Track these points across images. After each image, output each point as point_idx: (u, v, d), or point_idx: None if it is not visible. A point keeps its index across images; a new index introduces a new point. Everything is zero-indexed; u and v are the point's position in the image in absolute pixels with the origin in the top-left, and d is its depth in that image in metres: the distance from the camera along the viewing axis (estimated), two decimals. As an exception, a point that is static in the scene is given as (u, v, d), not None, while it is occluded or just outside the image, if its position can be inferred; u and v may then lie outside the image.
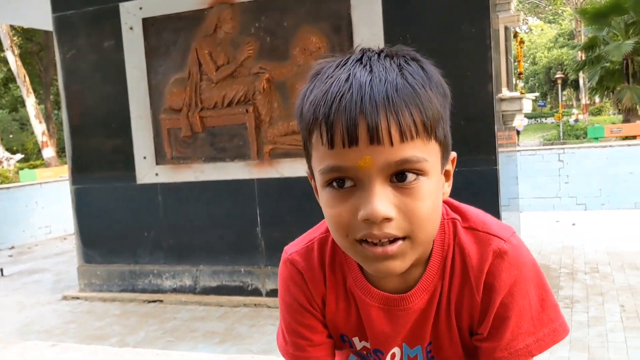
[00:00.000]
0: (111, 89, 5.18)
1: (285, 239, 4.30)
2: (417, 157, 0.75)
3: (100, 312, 4.96)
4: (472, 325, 0.91)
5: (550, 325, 0.88)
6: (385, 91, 0.74)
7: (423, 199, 0.77)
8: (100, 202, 5.35)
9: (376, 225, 0.75)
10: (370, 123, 0.73)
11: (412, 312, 0.90)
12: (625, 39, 19.64)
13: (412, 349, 0.94)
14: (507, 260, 0.86)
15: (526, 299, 0.86)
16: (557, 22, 45.25)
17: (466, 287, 0.88)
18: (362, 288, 0.91)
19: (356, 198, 0.77)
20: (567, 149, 9.22)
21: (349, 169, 0.75)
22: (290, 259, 0.98)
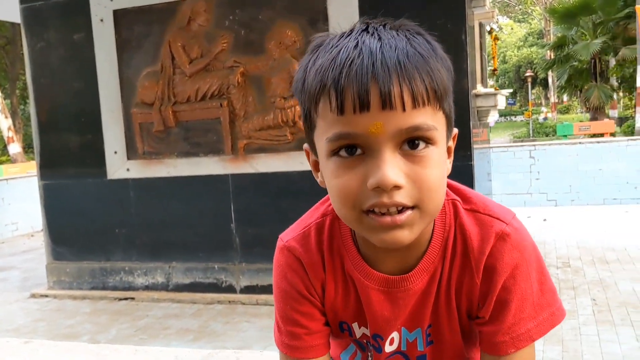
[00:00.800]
0: (81, 82, 5.06)
1: (260, 235, 4.29)
2: (427, 125, 0.74)
3: (70, 310, 4.85)
4: (471, 309, 0.90)
5: (549, 309, 0.87)
6: (396, 57, 0.73)
7: (432, 167, 0.76)
8: (69, 198, 5.23)
9: (386, 193, 0.73)
10: (383, 88, 0.71)
11: (413, 294, 0.89)
12: (593, 38, 19.99)
13: (412, 332, 0.93)
14: (509, 242, 0.85)
15: (528, 282, 0.85)
16: (527, 21, 45.90)
17: (466, 269, 0.87)
18: (361, 271, 0.89)
19: (365, 166, 0.74)
20: (538, 146, 9.34)
21: (359, 135, 0.73)
22: (287, 246, 0.94)
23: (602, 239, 6.31)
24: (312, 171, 0.88)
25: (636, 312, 3.97)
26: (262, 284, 4.66)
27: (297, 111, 4.44)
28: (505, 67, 42.33)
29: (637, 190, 8.71)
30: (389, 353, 0.95)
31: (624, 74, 22.28)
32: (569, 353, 3.33)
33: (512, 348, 0.86)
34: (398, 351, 0.95)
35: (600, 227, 7.05)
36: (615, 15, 19.67)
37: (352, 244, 0.90)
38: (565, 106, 39.81)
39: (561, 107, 38.62)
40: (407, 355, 0.95)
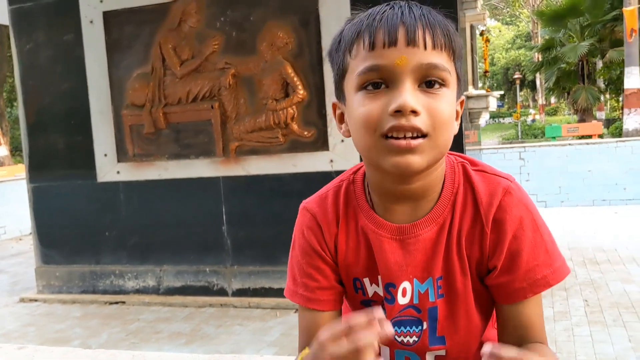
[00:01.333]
0: (70, 84, 5.01)
1: (251, 238, 4.26)
2: (443, 66, 0.86)
3: (60, 315, 4.80)
4: (482, 261, 0.96)
5: (561, 258, 0.95)
6: (421, 12, 0.87)
7: (445, 103, 0.87)
8: (59, 201, 5.18)
9: (404, 117, 0.84)
10: (409, 29, 0.85)
11: (422, 241, 0.95)
12: (580, 40, 20.13)
13: (423, 283, 0.97)
14: (515, 197, 0.94)
15: (537, 232, 0.93)
16: (515, 24, 46.14)
17: (477, 221, 0.95)
18: (375, 223, 0.98)
19: (388, 96, 0.86)
20: (528, 148, 9.38)
21: (386, 67, 0.85)
22: (305, 207, 1.06)
23: (592, 240, 6.34)
24: (336, 124, 0.98)
25: (627, 312, 3.99)
26: (254, 287, 4.63)
27: (289, 113, 4.42)
28: (494, 70, 42.52)
29: (626, 191, 8.77)
30: (403, 306, 0.99)
31: (611, 76, 22.46)
32: (562, 354, 3.33)
33: (530, 293, 0.92)
34: (410, 305, 0.99)
35: (590, 228, 7.09)
36: (602, 18, 19.83)
37: (365, 202, 1.00)
38: (553, 108, 40.06)
39: (549, 109, 38.86)
40: (419, 308, 0.99)
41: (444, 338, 1.00)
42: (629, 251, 5.71)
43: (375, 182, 0.98)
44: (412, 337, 1.00)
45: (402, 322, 1.00)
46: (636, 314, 3.93)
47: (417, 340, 1.00)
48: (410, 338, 1.01)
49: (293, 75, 4.38)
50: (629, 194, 8.79)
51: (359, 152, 0.95)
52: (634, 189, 8.78)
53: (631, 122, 15.47)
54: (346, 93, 0.93)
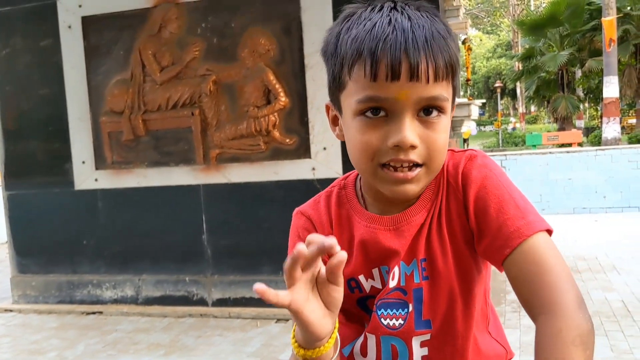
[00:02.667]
0: (48, 90, 4.92)
1: (232, 247, 4.19)
2: (443, 96, 0.87)
3: (36, 325, 4.69)
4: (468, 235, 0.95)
5: (537, 215, 0.91)
6: (424, 36, 0.85)
7: (441, 132, 0.88)
8: (36, 209, 5.08)
9: (403, 151, 0.86)
10: (412, 62, 0.83)
11: (415, 226, 0.97)
12: (560, 50, 20.39)
13: (409, 265, 0.98)
14: (477, 161, 0.96)
15: (501, 189, 0.92)
16: (496, 33, 46.65)
17: (452, 195, 0.96)
18: (368, 219, 1.00)
19: (387, 127, 0.87)
20: (509, 156, 9.44)
21: (387, 99, 0.86)
22: (299, 211, 1.08)
23: (573, 248, 6.38)
24: (330, 125, 1.00)
25: (609, 321, 3.99)
26: (234, 297, 4.57)
27: (270, 120, 4.38)
28: (475, 78, 42.85)
29: (605, 199, 8.86)
30: (391, 289, 0.99)
31: (590, 85, 22.78)
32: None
33: (507, 249, 0.88)
34: (397, 287, 0.99)
35: (571, 236, 7.13)
36: (582, 28, 20.11)
37: (358, 203, 1.03)
38: (533, 116, 40.51)
39: (529, 117, 39.29)
40: (405, 290, 0.99)
41: (429, 322, 0.99)
42: (610, 259, 5.74)
43: (371, 188, 1.00)
44: (397, 319, 1.00)
45: (388, 305, 1.00)
46: (617, 323, 3.94)
47: (402, 323, 0.99)
48: (396, 321, 1.00)
49: (275, 82, 4.34)
50: (609, 202, 8.88)
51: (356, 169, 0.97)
52: (614, 197, 8.87)
53: (610, 130, 15.66)
54: (343, 108, 0.93)
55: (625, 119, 25.94)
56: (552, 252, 0.87)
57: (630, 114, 27.27)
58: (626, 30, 18.89)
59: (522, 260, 0.86)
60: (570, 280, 0.83)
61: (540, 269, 0.85)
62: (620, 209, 8.83)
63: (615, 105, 15.87)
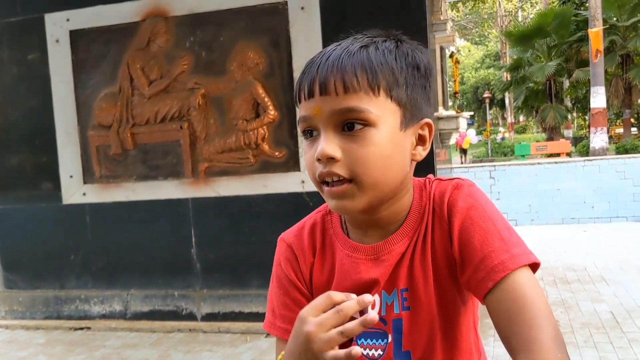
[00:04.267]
0: (36, 104, 4.89)
1: (221, 261, 4.17)
2: (360, 107, 0.86)
3: (23, 341, 4.63)
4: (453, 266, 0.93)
5: (523, 247, 0.89)
6: (339, 56, 0.89)
7: (368, 145, 0.87)
8: (23, 223, 5.03)
9: (324, 164, 0.87)
10: (321, 78, 0.88)
11: (395, 255, 0.95)
12: (548, 60, 20.56)
13: (390, 294, 0.97)
14: (463, 191, 0.94)
15: (488, 221, 0.90)
16: (484, 44, 46.98)
17: (437, 224, 0.95)
18: (350, 248, 0.99)
19: (315, 144, 0.89)
20: (498, 166, 9.48)
21: (308, 117, 0.90)
22: (282, 238, 1.08)
23: (562, 258, 6.40)
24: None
25: (598, 333, 4.00)
26: (223, 311, 4.54)
27: (259, 133, 4.38)
28: (464, 88, 43.15)
29: (594, 209, 8.90)
30: None
31: (578, 95, 22.97)
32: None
33: (490, 282, 0.86)
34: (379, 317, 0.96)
35: (560, 246, 7.16)
36: (569, 39, 20.31)
37: (341, 231, 1.02)
38: (522, 126, 40.74)
39: (518, 127, 39.50)
40: (385, 320, 0.97)
41: (409, 353, 0.97)
42: (598, 270, 5.76)
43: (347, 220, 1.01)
44: (377, 350, 0.98)
45: (368, 334, 0.99)
46: (607, 335, 3.95)
47: (382, 354, 0.98)
48: (375, 351, 0.98)
49: (264, 95, 4.34)
50: (597, 212, 8.92)
51: None
52: (602, 207, 8.92)
53: (597, 140, 15.78)
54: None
55: (612, 128, 26.15)
56: (534, 290, 0.85)
57: (617, 124, 27.50)
58: (612, 41, 19.09)
59: (504, 295, 0.85)
60: (550, 319, 0.82)
61: (520, 306, 0.83)
62: (608, 219, 8.88)
63: (602, 115, 16.00)
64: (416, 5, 4.02)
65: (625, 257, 6.30)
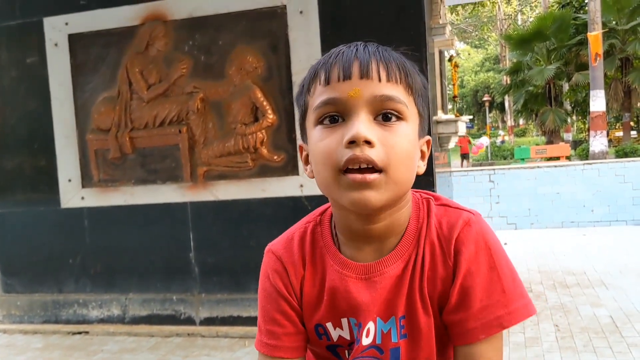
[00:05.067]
0: (34, 107, 4.89)
1: (220, 265, 4.17)
2: (399, 98, 0.86)
3: (21, 346, 4.62)
4: (443, 296, 0.92)
5: (522, 300, 0.89)
6: (377, 49, 0.89)
7: (402, 137, 0.86)
8: (21, 227, 5.02)
9: (359, 147, 0.82)
10: (363, 62, 0.85)
11: (388, 278, 0.92)
12: (547, 64, 20.57)
13: (386, 322, 0.94)
14: (475, 229, 0.91)
15: (494, 270, 0.89)
16: (484, 47, 47.02)
17: (439, 256, 0.92)
18: (340, 264, 0.95)
19: (344, 129, 0.85)
20: (497, 170, 9.47)
21: (340, 99, 0.85)
22: (270, 250, 1.04)
23: (561, 262, 6.38)
24: (303, 166, 0.97)
25: (598, 337, 3.98)
26: (222, 315, 4.52)
27: (258, 137, 4.37)
28: (463, 92, 43.20)
29: (593, 213, 8.90)
30: (365, 346, 0.96)
31: (577, 98, 22.97)
32: (534, 382, 3.30)
33: (482, 334, 0.87)
34: (373, 345, 0.96)
35: (559, 250, 7.14)
36: (568, 42, 20.32)
37: (332, 244, 0.97)
38: (521, 129, 40.75)
39: (518, 131, 39.51)
40: (382, 348, 0.95)
41: None
42: (598, 274, 5.75)
43: (341, 221, 0.96)
44: None
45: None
46: (606, 339, 3.93)
47: None
48: None
49: (262, 99, 4.33)
50: (597, 216, 8.92)
51: (322, 192, 0.92)
52: (601, 210, 8.91)
53: (597, 144, 15.78)
54: (307, 131, 0.92)
55: (612, 132, 26.16)
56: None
57: (617, 127, 27.51)
58: (612, 44, 19.11)
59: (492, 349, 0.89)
60: None
61: None
62: (608, 222, 8.87)
63: (602, 118, 16.00)
64: (415, 10, 4.01)
65: (624, 261, 6.29)
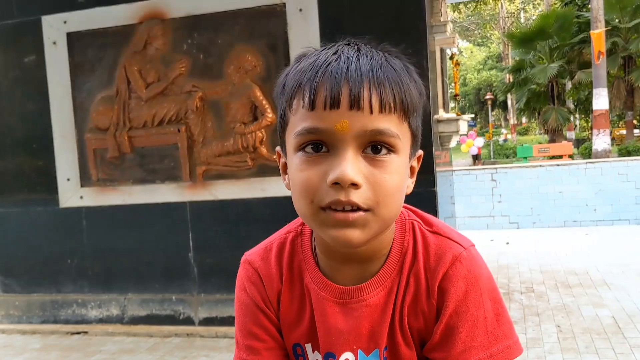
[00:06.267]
0: (32, 107, 4.86)
1: (219, 265, 4.13)
2: (391, 132, 0.77)
3: (19, 346, 4.60)
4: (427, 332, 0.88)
5: (505, 341, 0.85)
6: (370, 65, 0.77)
7: (392, 173, 0.78)
8: (19, 227, 4.99)
9: (343, 190, 0.75)
10: (353, 89, 0.75)
11: (367, 306, 0.87)
12: (550, 62, 20.50)
13: (369, 355, 0.89)
14: (465, 267, 0.85)
15: (480, 310, 0.84)
16: (486, 45, 46.93)
17: (422, 289, 0.86)
18: (318, 283, 0.90)
19: (328, 163, 0.76)
20: (499, 169, 9.42)
21: (325, 131, 0.76)
22: (247, 260, 0.98)
23: (564, 262, 6.34)
24: (281, 173, 0.89)
25: (600, 338, 3.95)
26: (221, 316, 4.50)
27: (257, 137, 4.34)
28: (466, 90, 43.13)
29: (596, 212, 8.84)
30: None
31: (580, 97, 22.91)
32: (535, 384, 3.26)
33: None
34: None
35: (561, 250, 7.10)
36: (571, 41, 20.26)
37: (312, 258, 0.91)
38: (524, 128, 40.67)
39: (520, 129, 39.43)
40: None
41: None
42: (600, 274, 5.71)
43: (320, 242, 0.89)
44: None
45: None
46: (608, 340, 3.90)
47: None
48: None
49: (262, 98, 4.30)
50: (599, 215, 8.86)
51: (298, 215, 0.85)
52: (604, 210, 8.86)
53: (600, 142, 15.71)
54: (287, 148, 0.84)
55: (615, 130, 26.09)
56: None
57: (620, 126, 27.43)
58: (615, 42, 19.03)
59: None
60: None
61: None
62: (610, 222, 8.82)
63: (605, 117, 15.94)
64: (414, 8, 3.98)
65: (627, 261, 6.25)
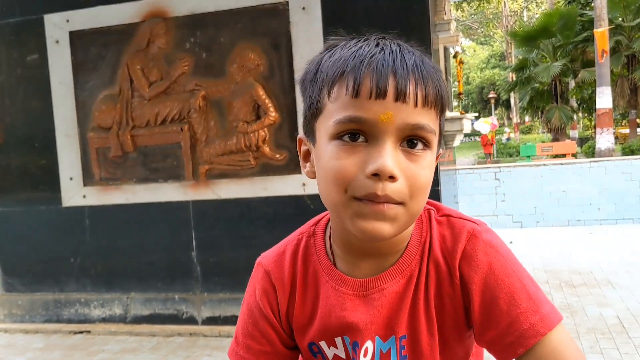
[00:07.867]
0: (35, 105, 4.85)
1: (222, 264, 4.12)
2: (430, 127, 0.78)
3: (22, 346, 4.59)
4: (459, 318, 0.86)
5: (549, 303, 0.83)
6: (414, 60, 0.79)
7: (425, 168, 0.79)
8: (22, 226, 4.99)
9: (381, 183, 0.75)
10: (400, 82, 0.76)
11: (387, 295, 0.87)
12: (553, 61, 20.47)
13: (385, 342, 0.89)
14: (482, 240, 0.85)
15: (513, 276, 0.82)
16: (489, 44, 46.85)
17: (445, 272, 0.86)
18: (336, 280, 0.90)
19: (366, 153, 0.76)
20: (503, 168, 9.40)
21: (368, 121, 0.76)
22: (261, 262, 0.98)
23: (568, 261, 6.32)
24: (301, 161, 0.89)
25: (604, 338, 3.93)
26: (224, 315, 4.49)
27: (260, 135, 4.32)
28: (469, 88, 43.05)
29: (600, 211, 8.82)
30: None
31: (583, 95, 22.86)
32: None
33: (520, 348, 0.80)
34: None
35: (565, 249, 7.08)
36: (574, 39, 20.22)
37: (326, 257, 0.92)
38: (527, 126, 40.62)
39: (523, 128, 39.38)
40: None
41: None
42: (605, 273, 5.68)
43: (340, 236, 0.89)
44: None
45: None
46: (613, 340, 3.88)
47: None
48: None
49: (264, 97, 4.28)
50: (603, 214, 8.84)
51: (324, 204, 0.84)
52: (608, 208, 8.83)
53: (603, 141, 15.68)
54: (317, 135, 0.83)
55: (618, 129, 26.02)
56: (571, 350, 0.80)
57: (623, 124, 27.37)
58: (618, 41, 18.99)
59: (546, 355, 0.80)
60: None
61: None
62: (614, 220, 8.79)
63: (608, 115, 15.90)
64: (418, 6, 3.96)
65: (632, 260, 6.22)
